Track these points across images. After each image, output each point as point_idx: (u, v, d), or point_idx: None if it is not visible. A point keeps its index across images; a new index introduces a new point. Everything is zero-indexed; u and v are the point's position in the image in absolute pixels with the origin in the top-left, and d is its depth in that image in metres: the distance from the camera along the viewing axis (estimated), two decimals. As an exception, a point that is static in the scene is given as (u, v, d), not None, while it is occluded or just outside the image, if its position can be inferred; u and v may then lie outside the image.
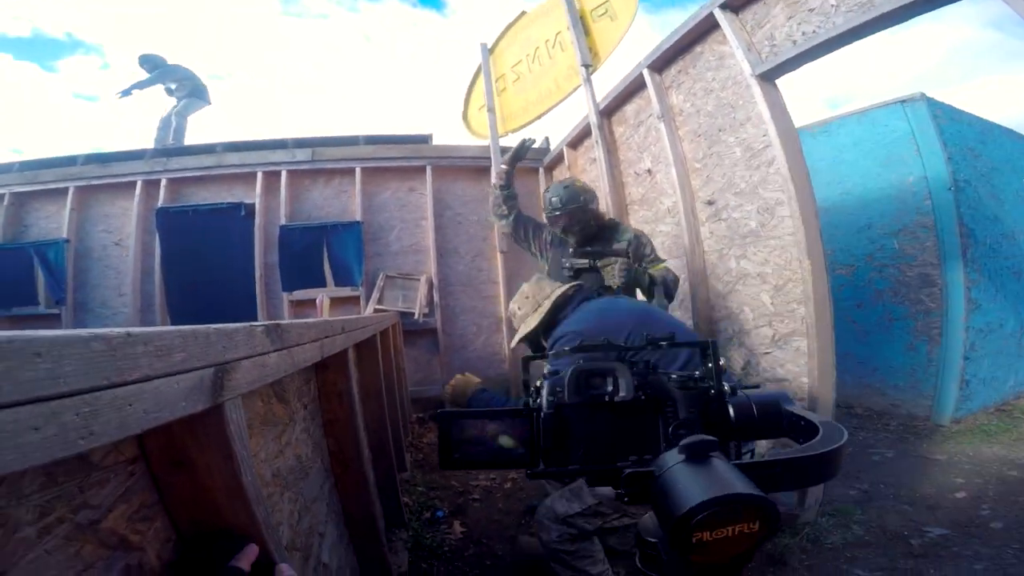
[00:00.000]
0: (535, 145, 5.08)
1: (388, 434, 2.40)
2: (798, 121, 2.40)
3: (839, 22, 1.95)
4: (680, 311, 3.10)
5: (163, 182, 4.69)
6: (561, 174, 4.74)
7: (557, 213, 2.59)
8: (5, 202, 4.72)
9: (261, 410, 1.05)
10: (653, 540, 0.49)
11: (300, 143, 4.89)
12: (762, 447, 1.68)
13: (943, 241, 3.50)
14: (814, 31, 2.05)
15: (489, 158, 4.88)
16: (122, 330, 0.43)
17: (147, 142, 6.15)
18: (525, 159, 5.05)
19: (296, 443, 1.25)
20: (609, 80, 3.62)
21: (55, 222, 4.74)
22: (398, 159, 4.89)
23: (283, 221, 4.63)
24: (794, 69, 2.23)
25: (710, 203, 2.77)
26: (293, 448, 1.22)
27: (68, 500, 0.54)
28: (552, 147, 4.97)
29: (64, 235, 4.61)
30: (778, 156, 2.27)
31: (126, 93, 5.97)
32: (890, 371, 3.89)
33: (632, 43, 3.70)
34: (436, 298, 4.76)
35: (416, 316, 4.50)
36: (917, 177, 3.62)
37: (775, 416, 0.55)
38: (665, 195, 3.15)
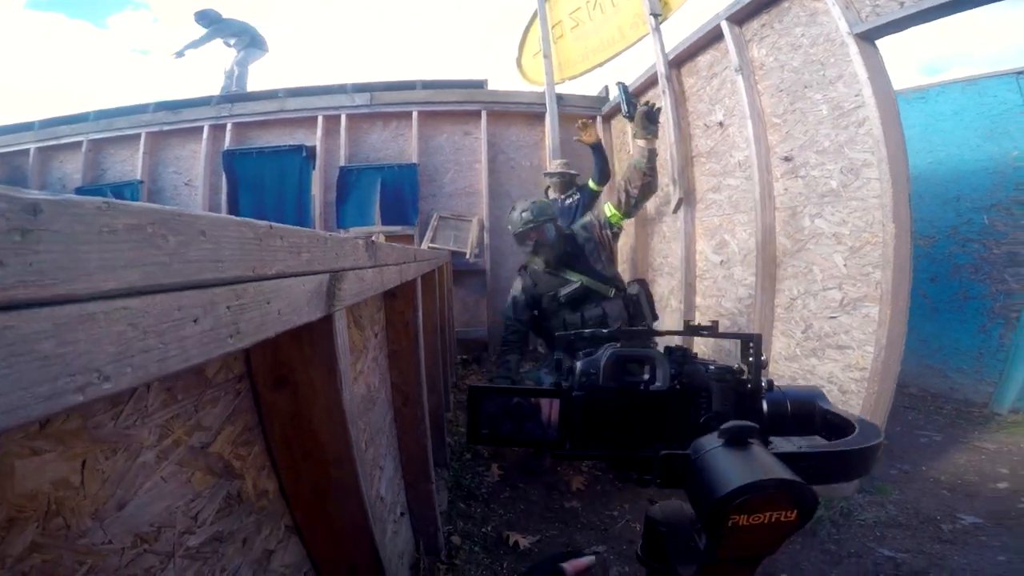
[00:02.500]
0: (594, 93, 4.99)
1: (440, 371, 2.46)
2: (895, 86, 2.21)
3: None
4: (742, 267, 3.00)
5: (228, 126, 4.92)
6: (621, 123, 4.55)
7: (528, 228, 2.68)
8: (84, 148, 5.11)
9: (342, 334, 1.08)
10: (663, 530, 0.49)
11: (359, 88, 4.96)
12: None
13: (1044, 220, 3.21)
14: None
15: (543, 104, 4.81)
16: (264, 222, 0.42)
17: (208, 91, 6.31)
18: (579, 107, 4.95)
19: (368, 371, 1.29)
20: (676, 31, 3.47)
21: (130, 165, 5.11)
22: (454, 103, 4.90)
23: (342, 163, 4.77)
24: (896, 32, 2.04)
25: (787, 159, 2.60)
26: (365, 376, 1.25)
27: (185, 420, 0.54)
28: (611, 96, 4.78)
29: (138, 177, 4.98)
30: (871, 117, 2.09)
31: (180, 54, 6.06)
32: (955, 352, 3.68)
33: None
34: (487, 240, 4.81)
35: (468, 256, 4.57)
36: (1022, 152, 3.30)
37: (809, 414, 0.54)
38: (737, 148, 2.99)
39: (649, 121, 2.43)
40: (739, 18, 2.82)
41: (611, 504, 2.35)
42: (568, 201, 3.89)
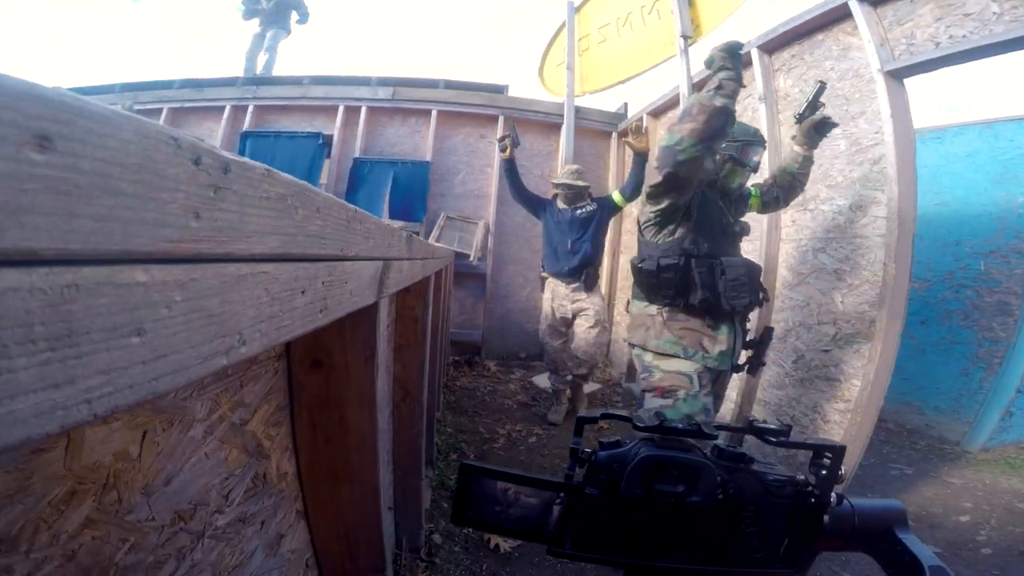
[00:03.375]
0: (612, 109, 5.03)
1: (437, 370, 2.46)
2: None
3: (998, 30, 1.78)
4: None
5: (250, 108, 4.94)
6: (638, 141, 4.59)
7: None
8: None
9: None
10: None
11: (383, 82, 4.98)
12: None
13: (1042, 267, 3.28)
14: (964, 36, 1.88)
15: (561, 115, 4.84)
16: (351, 206, 0.43)
17: (226, 70, 6.37)
18: (597, 121, 5.01)
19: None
20: (701, 55, 3.46)
21: None
22: (474, 106, 4.92)
23: (357, 154, 4.79)
24: (929, 71, 2.09)
25: (798, 191, 2.65)
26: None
27: (231, 395, 0.54)
28: (630, 113, 4.84)
29: None
30: (888, 155, 2.14)
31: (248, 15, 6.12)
32: (936, 392, 3.75)
33: (735, 22, 3.53)
34: (491, 244, 4.83)
35: (472, 259, 4.59)
36: None
37: (876, 534, 0.47)
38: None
39: (816, 133, 2.16)
40: (771, 48, 2.87)
41: None
42: (579, 212, 3.71)
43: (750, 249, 2.95)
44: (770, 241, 2.76)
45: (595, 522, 0.45)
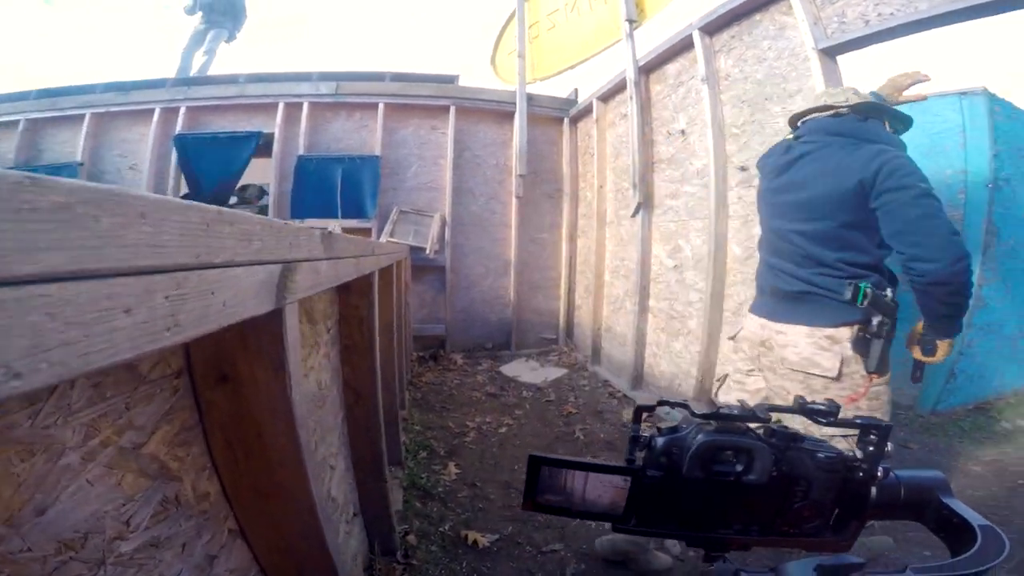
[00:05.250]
0: (564, 95, 5.05)
1: (395, 369, 2.42)
2: None
3: (923, 7, 1.84)
4: (694, 272, 3.10)
5: (182, 110, 4.72)
6: (587, 126, 4.63)
7: None
8: (20, 128, 4.83)
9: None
10: None
11: (325, 77, 4.85)
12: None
13: (967, 236, 3.44)
14: (892, 13, 1.94)
15: (513, 103, 4.82)
16: (214, 207, 0.39)
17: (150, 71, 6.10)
18: (549, 108, 5.02)
19: (319, 368, 1.24)
20: (647, 38, 3.54)
21: (70, 147, 4.84)
22: (423, 97, 4.84)
23: (301, 151, 4.63)
24: (860, 48, 2.15)
25: (743, 169, 2.70)
26: (316, 373, 1.20)
27: (114, 419, 0.51)
28: (580, 99, 4.86)
29: (78, 159, 4.71)
30: (823, 130, 2.19)
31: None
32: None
33: (679, 4, 3.58)
34: (448, 236, 4.77)
35: (428, 252, 4.51)
36: (956, 171, 3.52)
37: (924, 503, 0.50)
38: (696, 157, 3.08)
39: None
40: (711, 29, 2.89)
41: None
42: None
43: (700, 227, 3.02)
44: (719, 218, 2.81)
45: (656, 501, 0.49)
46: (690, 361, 3.10)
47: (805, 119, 1.69)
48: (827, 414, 0.50)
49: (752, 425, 0.50)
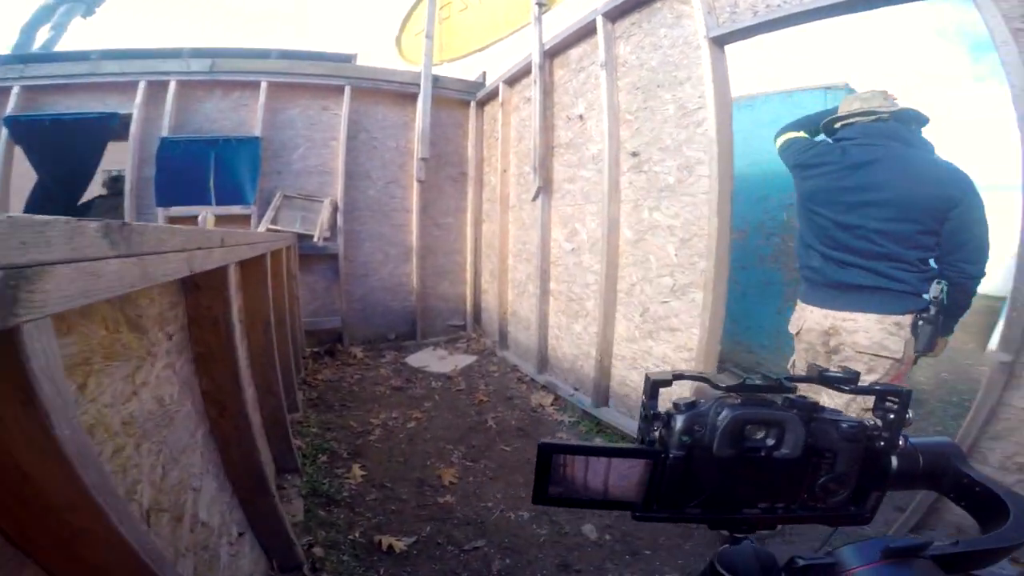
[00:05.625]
0: (472, 78, 4.91)
1: (277, 371, 2.20)
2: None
3: (807, 0, 1.92)
4: (590, 254, 3.16)
5: (15, 90, 3.96)
6: (493, 109, 4.54)
7: None
8: None
9: (104, 340, 0.84)
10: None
11: (198, 53, 4.27)
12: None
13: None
14: (779, 4, 2.02)
15: (418, 85, 4.60)
16: None
17: None
18: (456, 90, 4.86)
19: (157, 382, 1.05)
20: (557, 23, 3.51)
21: None
22: (315, 76, 4.44)
23: (165, 133, 4.04)
24: (748, 37, 2.23)
25: (634, 154, 2.77)
26: (152, 389, 1.02)
27: None
28: (488, 82, 4.76)
29: None
30: (709, 118, 2.29)
31: None
32: (759, 331, 4.32)
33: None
34: (340, 222, 4.47)
35: (316, 239, 4.18)
36: None
37: (941, 471, 0.49)
38: (592, 142, 3.12)
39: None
40: (614, 15, 2.89)
41: (485, 495, 2.33)
42: None
43: (595, 211, 3.06)
44: (611, 202, 2.87)
45: (679, 484, 0.46)
46: (589, 342, 3.17)
47: (847, 122, 1.86)
48: (847, 381, 0.48)
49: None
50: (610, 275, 2.92)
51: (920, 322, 1.67)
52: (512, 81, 4.13)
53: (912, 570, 0.38)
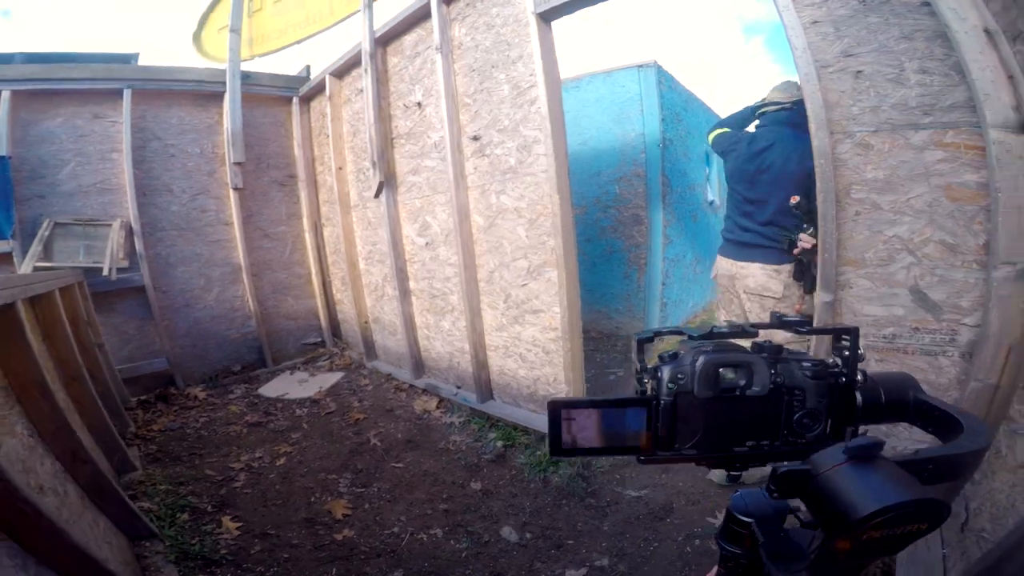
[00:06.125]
0: (293, 72, 4.42)
1: (79, 436, 1.80)
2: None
3: None
4: (445, 247, 3.08)
5: None
6: (321, 104, 4.16)
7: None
8: None
9: None
10: (748, 520, 0.53)
11: None
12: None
13: (650, 188, 4.29)
14: None
15: (221, 83, 4.01)
16: None
17: None
18: (272, 87, 4.36)
19: None
20: (387, 10, 3.29)
21: None
22: (80, 80, 3.60)
23: None
24: (571, 12, 2.30)
25: (476, 139, 2.73)
26: None
27: None
28: (313, 76, 4.33)
29: None
30: (541, 96, 2.33)
31: None
32: (612, 297, 4.71)
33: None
34: (140, 247, 3.74)
35: (107, 271, 3.42)
36: (638, 133, 4.30)
37: (902, 403, 0.54)
38: (433, 129, 3.01)
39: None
40: None
41: (387, 521, 2.15)
42: None
43: (444, 201, 2.99)
44: (459, 190, 2.82)
45: (672, 427, 0.52)
46: (461, 337, 3.10)
47: (764, 111, 2.31)
48: (803, 324, 0.54)
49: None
50: (468, 265, 2.88)
51: (797, 268, 2.15)
52: (340, 73, 3.82)
53: (875, 466, 0.42)
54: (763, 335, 0.56)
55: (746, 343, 0.56)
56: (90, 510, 1.72)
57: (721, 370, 0.52)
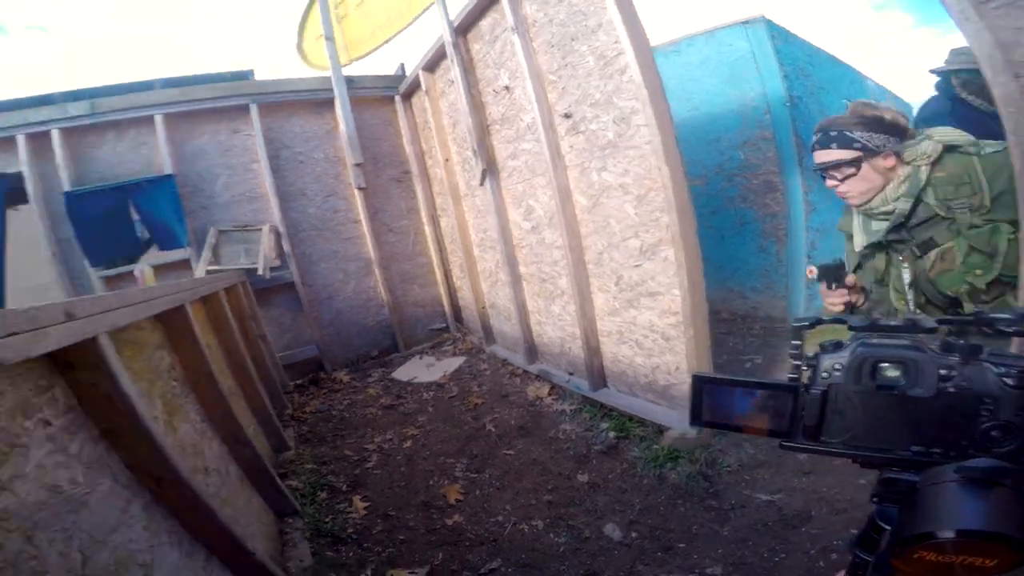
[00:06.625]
0: (391, 72, 4.67)
1: (240, 421, 2.07)
2: (653, 41, 2.25)
3: None
4: (550, 230, 2.99)
5: None
6: (420, 100, 4.32)
7: None
8: None
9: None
10: (884, 528, 0.49)
11: (73, 96, 3.94)
12: None
13: (782, 151, 3.73)
14: None
15: (330, 90, 4.36)
16: None
17: None
18: (374, 88, 4.62)
19: (40, 472, 0.94)
20: None
21: None
22: (211, 99, 4.13)
23: (67, 187, 3.72)
24: None
25: (567, 116, 2.60)
26: (33, 480, 0.92)
27: None
28: (407, 73, 4.52)
29: None
30: (631, 63, 2.12)
31: None
32: (747, 273, 4.21)
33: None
34: (287, 247, 4.25)
35: (260, 271, 3.94)
36: (757, 94, 3.78)
37: None
38: (524, 111, 2.94)
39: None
40: None
41: (494, 509, 2.20)
42: None
43: (544, 183, 2.89)
44: (557, 170, 2.71)
45: (821, 418, 0.50)
46: (571, 322, 3.02)
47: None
48: (1010, 321, 0.45)
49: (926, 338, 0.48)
50: (574, 247, 2.77)
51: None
52: (431, 67, 3.92)
53: (986, 492, 0.39)
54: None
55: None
56: (246, 489, 1.95)
57: (882, 365, 0.48)
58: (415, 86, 4.31)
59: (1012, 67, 1.20)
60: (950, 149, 1.22)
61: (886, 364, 0.48)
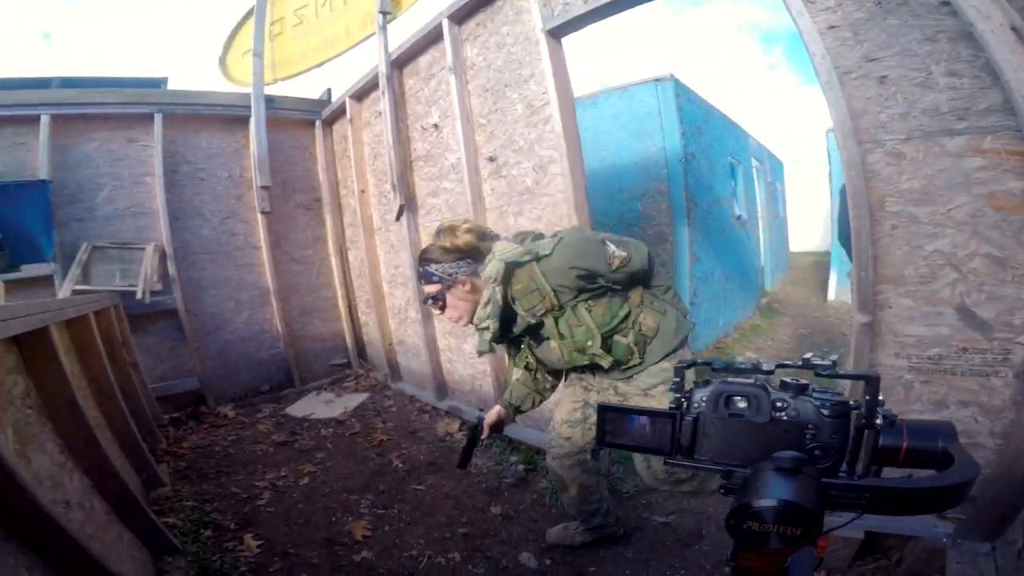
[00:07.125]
0: (316, 96, 4.57)
1: (107, 452, 1.85)
2: (577, 93, 2.48)
3: None
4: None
5: None
6: (342, 127, 4.26)
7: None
8: None
9: None
10: None
11: None
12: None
13: (674, 204, 4.21)
14: None
15: (247, 107, 4.16)
16: None
17: None
18: (296, 110, 4.50)
19: None
20: (403, 31, 3.37)
21: None
22: (114, 104, 3.76)
23: None
24: (580, 28, 2.28)
25: (492, 160, 2.74)
26: None
27: None
28: (334, 99, 4.46)
29: None
30: (555, 114, 2.31)
31: None
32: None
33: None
34: (173, 270, 3.87)
35: (140, 295, 3.54)
36: (659, 148, 4.23)
37: (927, 451, 0.56)
38: (450, 151, 3.03)
39: None
40: (459, 16, 2.81)
41: (407, 544, 2.12)
42: None
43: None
44: (477, 211, 2.82)
45: (692, 440, 0.63)
46: (482, 360, 3.07)
47: None
48: (826, 367, 0.58)
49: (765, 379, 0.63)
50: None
51: None
52: (360, 95, 3.92)
53: (793, 477, 0.53)
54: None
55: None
56: (115, 524, 1.75)
57: (735, 398, 0.61)
58: (339, 113, 4.25)
59: (857, 134, 1.53)
60: (515, 264, 1.33)
61: (737, 397, 0.61)
